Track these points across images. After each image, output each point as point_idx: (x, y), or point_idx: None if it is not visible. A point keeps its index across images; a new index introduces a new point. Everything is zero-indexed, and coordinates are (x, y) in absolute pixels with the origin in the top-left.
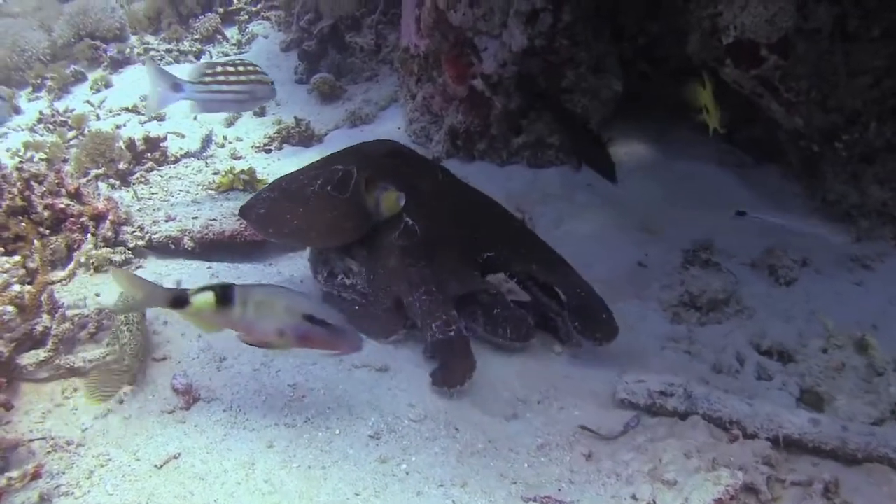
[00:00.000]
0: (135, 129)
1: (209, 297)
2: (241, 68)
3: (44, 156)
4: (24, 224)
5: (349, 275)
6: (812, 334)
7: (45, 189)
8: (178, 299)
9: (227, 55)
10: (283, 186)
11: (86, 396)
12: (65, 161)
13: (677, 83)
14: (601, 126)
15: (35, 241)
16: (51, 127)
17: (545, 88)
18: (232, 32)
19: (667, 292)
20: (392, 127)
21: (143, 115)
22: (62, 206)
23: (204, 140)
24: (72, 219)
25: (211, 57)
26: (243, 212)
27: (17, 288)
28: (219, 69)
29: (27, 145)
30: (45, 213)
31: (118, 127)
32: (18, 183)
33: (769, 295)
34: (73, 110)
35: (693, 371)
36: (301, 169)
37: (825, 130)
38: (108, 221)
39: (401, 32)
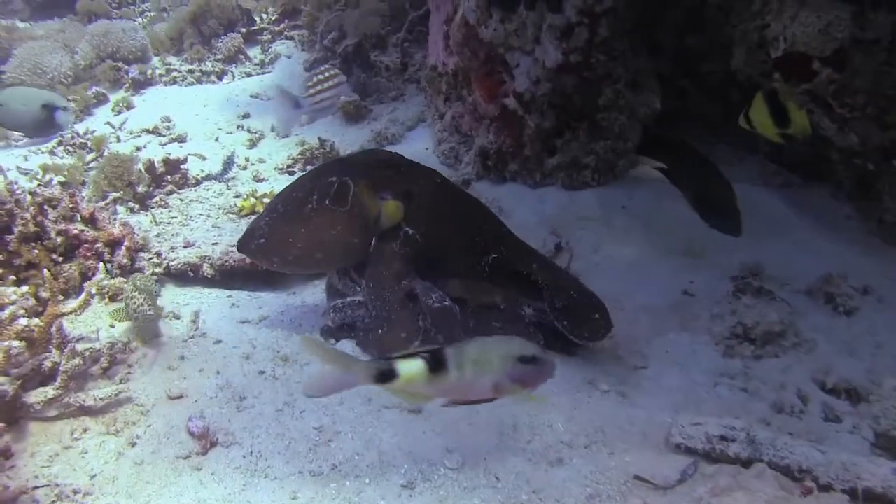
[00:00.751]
0: (155, 151)
1: (419, 366)
2: (327, 74)
3: (62, 178)
4: (36, 251)
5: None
6: (883, 370)
7: (59, 214)
8: (384, 374)
9: (249, 75)
10: (279, 210)
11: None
12: (83, 184)
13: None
14: (638, 146)
15: (45, 271)
16: (70, 149)
17: (581, 106)
18: (255, 52)
19: (717, 323)
20: (419, 147)
21: (163, 136)
22: (76, 231)
23: (226, 162)
24: (86, 245)
25: (234, 77)
26: (242, 246)
27: (24, 321)
28: (314, 80)
29: (45, 168)
30: (59, 240)
31: (138, 149)
32: (32, 208)
33: (829, 326)
34: (93, 132)
35: (751, 411)
36: (291, 185)
37: (882, 148)
38: (123, 248)
39: (428, 50)
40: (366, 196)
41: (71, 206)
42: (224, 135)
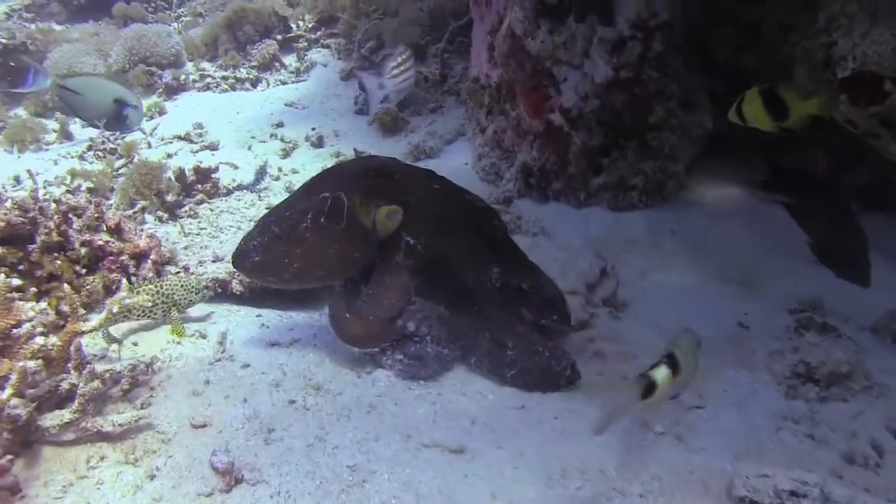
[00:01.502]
0: (186, 159)
1: (666, 373)
2: (401, 58)
3: (90, 185)
4: (59, 262)
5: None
6: None
7: (83, 224)
8: (649, 388)
9: (284, 83)
10: (273, 230)
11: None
12: (111, 191)
13: None
14: (688, 167)
15: (66, 285)
16: (100, 154)
17: (630, 124)
18: (290, 60)
19: (778, 361)
20: (458, 162)
21: (195, 143)
22: (101, 242)
23: (258, 172)
24: (111, 257)
25: (268, 85)
26: (236, 261)
27: (41, 340)
28: (393, 64)
29: (73, 173)
30: (83, 251)
31: (169, 156)
32: (56, 216)
33: None
34: (124, 137)
35: (820, 461)
36: (283, 203)
37: None
38: (149, 261)
39: (470, 61)
40: (360, 209)
41: (96, 215)
42: (257, 143)
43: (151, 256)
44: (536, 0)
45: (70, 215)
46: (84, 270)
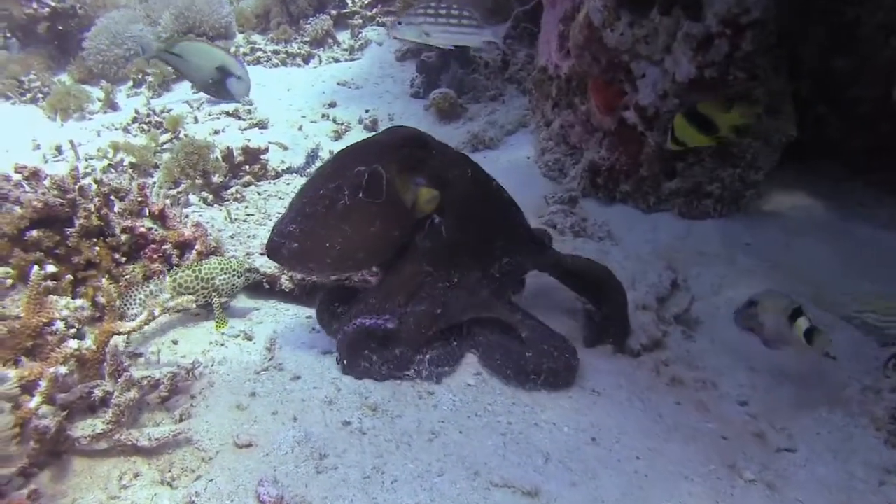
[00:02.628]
0: (234, 137)
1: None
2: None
3: (133, 160)
4: (97, 248)
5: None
6: None
7: (125, 207)
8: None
9: (337, 61)
10: (307, 211)
11: None
12: (155, 167)
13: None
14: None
15: (103, 280)
16: (145, 127)
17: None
18: (344, 36)
19: (873, 400)
20: (520, 155)
21: (243, 119)
22: (143, 229)
23: (309, 155)
24: (153, 245)
25: (320, 62)
26: (272, 251)
27: (73, 344)
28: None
29: (116, 146)
30: (123, 237)
31: (216, 132)
32: (97, 199)
33: None
34: (170, 110)
35: None
36: (312, 182)
37: None
38: (194, 251)
39: (537, 50)
40: (399, 182)
41: (139, 199)
42: (308, 123)
43: (196, 247)
44: None
45: (111, 197)
46: (124, 259)
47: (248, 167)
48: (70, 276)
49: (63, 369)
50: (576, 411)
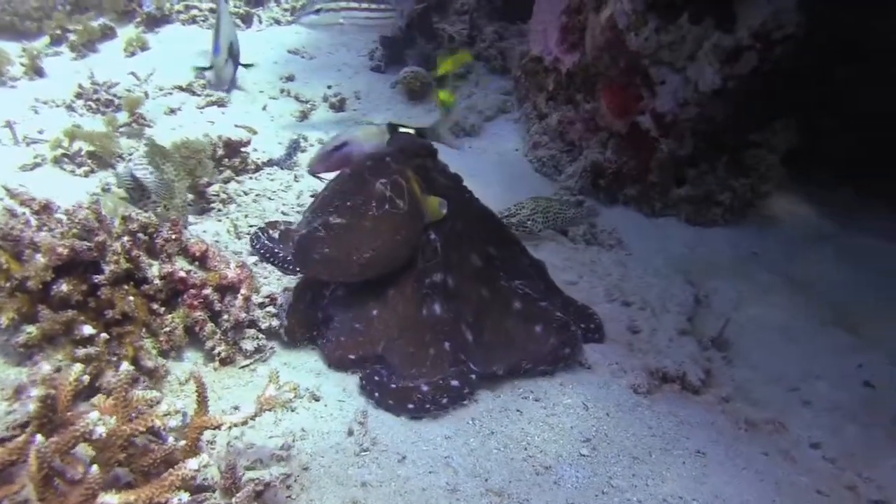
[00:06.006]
0: (192, 116)
1: None
2: None
3: (93, 149)
4: (132, 298)
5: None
6: None
7: (159, 245)
8: None
9: (278, 22)
10: (335, 222)
11: None
12: (118, 157)
13: None
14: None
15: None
16: (93, 105)
17: (727, 138)
18: None
19: None
20: (508, 147)
21: (198, 95)
22: (183, 273)
23: (290, 147)
24: (192, 290)
25: (261, 23)
26: (301, 260)
27: (193, 465)
28: None
29: (72, 134)
30: (158, 282)
31: (172, 111)
32: (126, 238)
33: None
34: (116, 84)
35: None
36: (336, 189)
37: None
38: (240, 296)
39: (529, 36)
40: (417, 190)
41: (174, 235)
42: (268, 100)
43: (242, 291)
44: None
45: (140, 236)
46: (162, 309)
47: (227, 160)
48: (104, 335)
49: (185, 497)
50: (694, 479)
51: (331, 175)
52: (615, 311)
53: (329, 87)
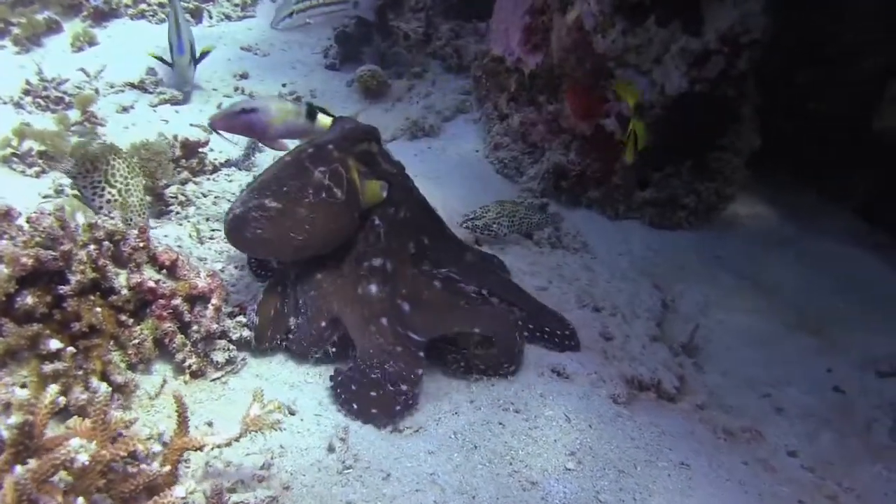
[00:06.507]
0: (145, 114)
1: None
2: None
3: (45, 148)
4: (99, 310)
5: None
6: None
7: (126, 253)
8: None
9: (229, 17)
10: (271, 205)
11: None
12: (71, 158)
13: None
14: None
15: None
16: (42, 103)
17: (692, 141)
18: None
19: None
20: (468, 148)
21: (151, 93)
22: (152, 283)
23: (249, 147)
24: (161, 300)
25: (211, 18)
26: (236, 233)
27: (180, 492)
28: None
29: (21, 133)
30: (126, 293)
31: (125, 109)
32: (92, 246)
33: None
34: (66, 80)
35: None
36: (273, 175)
37: None
38: (210, 306)
39: (489, 35)
40: (356, 178)
41: (141, 243)
42: (222, 98)
43: (213, 300)
44: None
45: (105, 244)
46: (131, 320)
47: (184, 161)
48: (71, 349)
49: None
50: (681, 493)
51: (230, 136)
52: (587, 318)
53: (284, 85)
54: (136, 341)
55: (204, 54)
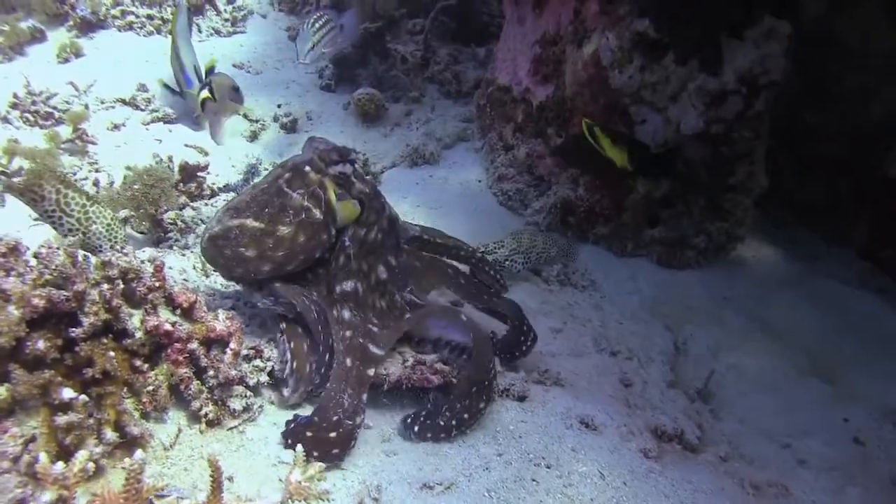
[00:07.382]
0: (138, 133)
1: None
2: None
3: (33, 166)
4: (112, 354)
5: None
6: None
7: (141, 293)
8: None
9: (218, 32)
10: (251, 225)
11: None
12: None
13: None
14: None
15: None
16: (31, 118)
17: (704, 181)
18: (222, 2)
19: None
20: (470, 178)
21: (143, 110)
22: (168, 326)
23: (248, 171)
24: (177, 344)
25: (200, 32)
26: (211, 249)
27: None
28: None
29: (10, 151)
30: (139, 335)
31: (116, 126)
32: (105, 285)
33: None
34: (54, 94)
35: None
36: (254, 195)
37: None
38: (229, 351)
39: (495, 64)
40: (333, 199)
41: (157, 282)
42: None
43: (232, 345)
44: (636, 31)
45: (119, 283)
46: (146, 366)
47: (182, 185)
48: (83, 397)
49: None
50: None
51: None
52: (607, 363)
53: (279, 105)
54: (151, 388)
55: (210, 70)
